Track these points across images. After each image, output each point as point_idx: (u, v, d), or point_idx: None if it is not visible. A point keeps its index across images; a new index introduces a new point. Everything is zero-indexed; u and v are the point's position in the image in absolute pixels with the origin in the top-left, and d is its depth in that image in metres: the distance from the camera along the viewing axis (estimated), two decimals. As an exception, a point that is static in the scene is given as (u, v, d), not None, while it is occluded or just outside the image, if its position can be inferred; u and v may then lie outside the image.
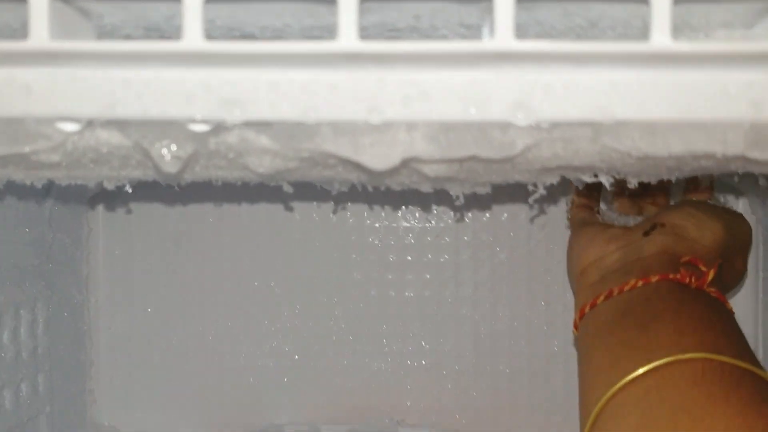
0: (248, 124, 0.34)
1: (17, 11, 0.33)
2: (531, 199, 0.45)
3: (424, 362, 0.76)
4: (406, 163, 0.37)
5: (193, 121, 0.34)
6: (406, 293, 0.76)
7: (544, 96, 0.33)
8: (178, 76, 0.33)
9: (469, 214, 0.75)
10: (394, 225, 0.76)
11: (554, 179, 0.43)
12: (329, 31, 0.36)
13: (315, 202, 0.76)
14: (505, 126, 0.34)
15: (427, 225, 0.75)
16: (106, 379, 0.76)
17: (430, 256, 0.75)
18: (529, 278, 0.75)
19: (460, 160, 0.36)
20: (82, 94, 0.33)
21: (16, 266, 0.63)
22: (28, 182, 0.42)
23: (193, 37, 0.30)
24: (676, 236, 0.54)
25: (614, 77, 0.33)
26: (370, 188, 0.53)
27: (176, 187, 0.72)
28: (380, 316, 0.76)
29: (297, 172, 0.40)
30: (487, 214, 0.75)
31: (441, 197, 0.74)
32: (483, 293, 0.75)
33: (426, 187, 0.44)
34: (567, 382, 0.75)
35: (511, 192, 0.73)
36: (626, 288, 0.50)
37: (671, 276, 0.49)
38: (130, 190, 0.68)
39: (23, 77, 0.33)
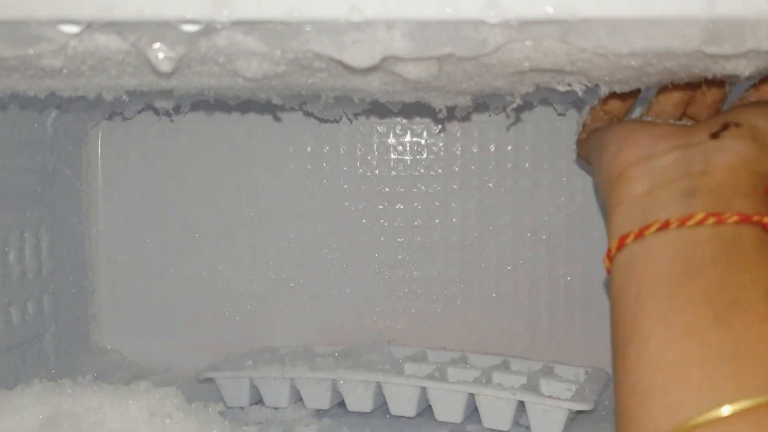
0: (236, 24, 0.36)
1: None
2: (508, 109, 0.47)
3: (414, 287, 0.79)
4: (386, 64, 0.39)
5: (185, 21, 0.36)
6: (397, 223, 0.78)
7: (513, -6, 0.35)
8: (170, -22, 0.35)
9: (459, 146, 0.77)
10: (386, 157, 0.78)
11: (530, 87, 0.45)
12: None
13: (308, 135, 0.78)
14: (477, 24, 0.36)
15: (417, 157, 0.78)
16: (108, 305, 0.79)
17: (421, 186, 0.78)
18: (516, 207, 0.77)
19: (438, 59, 0.38)
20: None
21: (20, 192, 0.66)
22: (31, 93, 0.45)
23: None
24: (759, 143, 0.40)
25: (579, -25, 0.35)
26: (358, 106, 0.55)
27: (171, 120, 0.75)
28: (372, 244, 0.79)
29: (286, 79, 0.42)
30: (475, 147, 0.77)
31: (431, 127, 0.77)
32: (471, 221, 0.78)
33: (409, 97, 0.47)
34: (550, 306, 0.78)
35: (499, 125, 0.76)
36: (690, 222, 0.37)
37: (756, 218, 0.37)
38: (128, 116, 0.70)
39: (25, -20, 0.35)
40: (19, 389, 0.54)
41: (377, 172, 0.78)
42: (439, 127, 0.76)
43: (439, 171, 0.78)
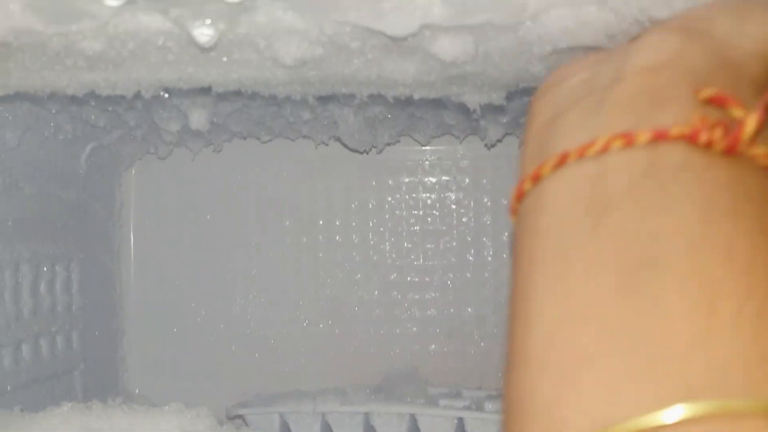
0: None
1: None
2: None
3: (446, 328, 0.77)
4: (423, 42, 0.39)
5: (227, -5, 0.36)
6: (428, 261, 0.77)
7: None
8: (212, -50, 0.36)
9: (489, 181, 0.77)
10: (414, 195, 0.78)
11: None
12: None
13: (338, 187, 0.78)
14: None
15: (448, 194, 0.77)
16: (138, 349, 0.78)
17: (452, 221, 0.77)
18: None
19: (475, 32, 0.38)
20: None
21: (52, 222, 0.66)
22: (70, 91, 0.45)
23: None
24: (691, 32, 0.30)
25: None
26: (389, 131, 0.55)
27: (192, 156, 0.75)
28: (402, 283, 0.77)
29: (322, 67, 0.43)
30: (506, 181, 0.77)
31: (460, 163, 0.77)
32: (503, 259, 0.77)
33: (444, 92, 0.47)
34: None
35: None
36: (590, 150, 0.27)
37: (675, 132, 0.26)
38: (162, 156, 0.71)
39: (72, -45, 0.36)
40: (47, 410, 0.52)
41: (404, 209, 0.78)
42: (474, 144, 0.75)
43: (468, 204, 0.77)
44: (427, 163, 0.78)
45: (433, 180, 0.78)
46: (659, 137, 0.26)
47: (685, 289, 0.23)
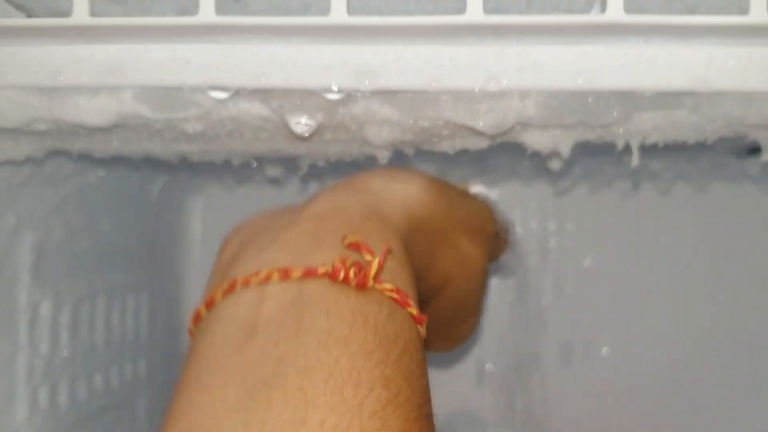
0: (375, 94, 0.38)
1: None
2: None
3: (505, 367, 0.78)
4: (514, 133, 0.40)
5: (329, 90, 0.38)
6: (489, 299, 0.78)
7: (648, 67, 0.36)
8: (317, 50, 0.37)
9: (551, 224, 0.78)
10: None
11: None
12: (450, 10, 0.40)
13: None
14: (608, 95, 0.37)
15: (511, 233, 0.78)
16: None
17: (514, 261, 0.78)
18: (613, 286, 0.77)
19: (567, 126, 0.39)
20: (234, 67, 0.37)
21: (125, 253, 0.68)
22: (164, 156, 0.47)
23: (339, 11, 0.34)
24: (353, 189, 0.38)
25: (713, 50, 0.36)
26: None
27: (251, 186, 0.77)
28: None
29: (410, 143, 0.44)
30: (570, 225, 0.77)
31: (525, 203, 0.77)
32: (565, 300, 0.77)
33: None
34: (652, 387, 0.76)
35: (599, 201, 0.76)
36: (254, 280, 0.32)
37: (321, 270, 0.32)
38: (230, 186, 0.72)
39: (183, 51, 0.38)
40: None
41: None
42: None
43: (531, 246, 0.78)
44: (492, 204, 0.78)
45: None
46: (309, 274, 0.32)
47: (285, 405, 0.27)
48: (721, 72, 0.36)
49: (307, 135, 0.39)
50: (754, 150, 0.58)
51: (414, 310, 0.33)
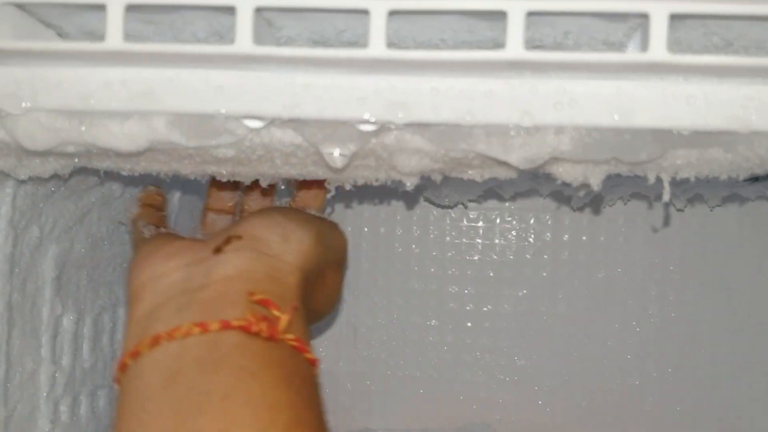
0: (408, 126, 0.38)
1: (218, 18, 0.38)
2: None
3: (515, 377, 0.78)
4: (545, 165, 0.40)
5: (362, 121, 0.37)
6: (502, 308, 0.78)
7: (686, 105, 0.36)
8: (352, 81, 0.37)
9: (566, 236, 0.77)
10: (495, 241, 0.79)
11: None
12: (480, 45, 0.39)
13: (415, 217, 0.79)
14: (644, 132, 0.37)
15: (525, 243, 0.78)
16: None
17: (527, 272, 0.78)
18: (625, 300, 0.77)
19: (600, 162, 0.39)
20: (268, 96, 0.37)
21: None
22: (192, 176, 0.47)
23: (378, 44, 0.34)
24: (256, 252, 0.42)
25: (752, 89, 0.35)
26: (475, 192, 0.56)
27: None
28: (475, 329, 0.79)
29: (436, 172, 0.44)
30: (584, 236, 0.77)
31: (540, 215, 0.77)
32: (577, 311, 0.77)
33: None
34: (658, 404, 0.76)
35: (608, 216, 0.76)
36: (177, 333, 0.37)
37: (235, 324, 0.37)
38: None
39: (217, 78, 0.37)
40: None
41: (481, 257, 0.79)
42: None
43: (545, 257, 0.78)
44: (506, 213, 0.78)
45: (513, 233, 0.79)
46: (225, 326, 0.38)
47: (212, 426, 0.33)
48: (759, 111, 0.36)
49: (340, 166, 0.39)
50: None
51: (311, 356, 0.40)
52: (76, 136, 0.39)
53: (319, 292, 0.48)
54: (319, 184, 0.52)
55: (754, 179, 0.59)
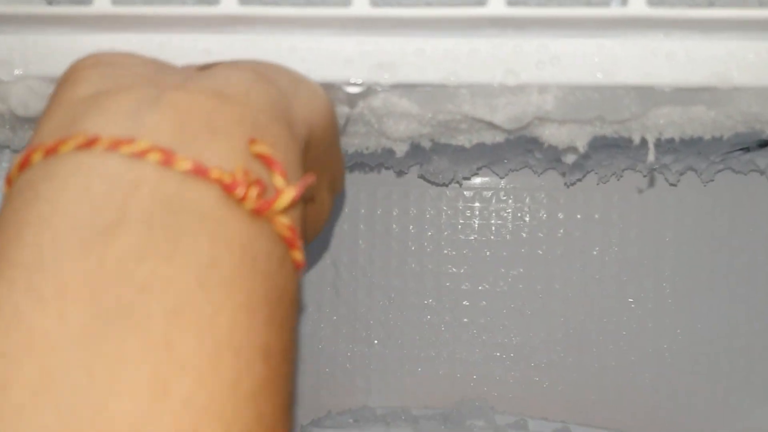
0: (395, 87, 0.38)
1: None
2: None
3: (512, 354, 0.78)
4: (531, 128, 0.41)
5: (349, 83, 0.38)
6: (498, 287, 0.79)
7: (667, 62, 0.36)
8: (338, 42, 0.37)
9: (560, 214, 0.78)
10: (491, 221, 0.79)
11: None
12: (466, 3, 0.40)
13: (413, 197, 0.80)
14: (628, 89, 0.38)
15: (520, 222, 0.79)
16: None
17: (523, 251, 0.78)
18: (619, 276, 0.77)
19: (584, 121, 0.40)
20: (255, 58, 0.38)
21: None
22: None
23: (362, 2, 0.35)
24: (262, 77, 0.29)
25: (733, 44, 0.36)
26: (472, 166, 0.56)
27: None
28: (471, 308, 0.79)
29: (426, 137, 0.44)
30: (579, 214, 0.78)
31: (535, 193, 0.78)
32: (573, 289, 0.78)
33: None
34: (655, 379, 0.76)
35: (604, 192, 0.76)
36: (124, 148, 0.24)
37: (214, 174, 0.24)
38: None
39: (205, 43, 0.38)
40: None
41: (477, 236, 0.79)
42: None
43: (540, 236, 0.78)
44: (502, 193, 0.79)
45: (509, 210, 0.79)
46: (199, 172, 0.24)
47: (142, 359, 0.20)
48: (740, 67, 0.36)
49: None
50: (763, 144, 0.58)
51: (300, 256, 0.27)
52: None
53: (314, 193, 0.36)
54: None
55: (745, 149, 0.60)
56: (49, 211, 0.23)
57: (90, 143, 0.24)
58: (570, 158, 0.49)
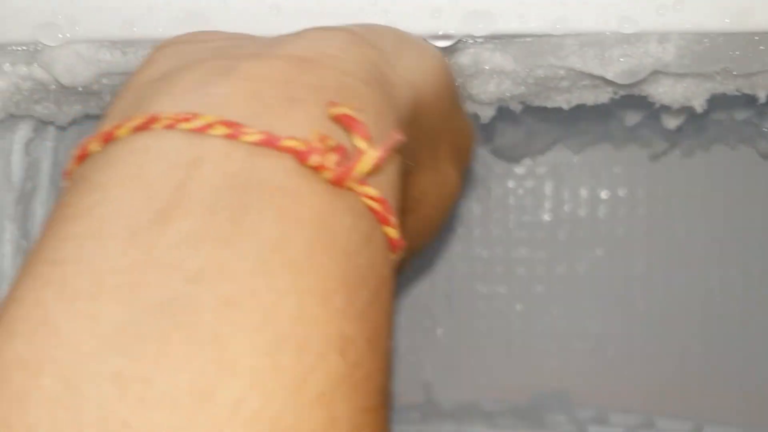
0: (489, 40, 0.34)
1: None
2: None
3: (591, 344, 0.73)
4: (644, 85, 0.35)
5: (437, 36, 0.33)
6: (574, 272, 0.74)
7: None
8: (423, -11, 0.33)
9: (641, 191, 0.72)
10: (564, 198, 0.74)
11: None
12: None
13: (477, 178, 0.75)
14: (761, 37, 0.32)
15: (597, 201, 0.73)
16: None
17: (601, 231, 0.73)
18: (706, 259, 0.71)
19: (705, 76, 0.34)
20: (329, 13, 0.33)
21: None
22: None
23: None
24: (355, 37, 0.26)
25: None
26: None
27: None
28: (546, 295, 0.74)
29: (516, 100, 0.39)
30: (661, 189, 0.72)
31: (613, 168, 0.72)
32: (657, 272, 0.72)
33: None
34: (744, 367, 0.71)
35: (688, 168, 0.71)
36: (185, 124, 0.21)
37: (286, 143, 0.21)
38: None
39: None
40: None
41: (549, 217, 0.74)
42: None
43: (620, 215, 0.73)
44: (576, 169, 0.73)
45: (584, 189, 0.74)
46: (269, 143, 0.21)
47: (187, 359, 0.17)
48: None
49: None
50: None
51: (395, 233, 0.23)
52: (118, 68, 0.36)
53: (427, 175, 0.32)
54: None
55: None
56: (97, 202, 0.20)
57: (148, 123, 0.21)
58: (673, 122, 0.44)
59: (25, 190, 0.43)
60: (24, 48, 0.36)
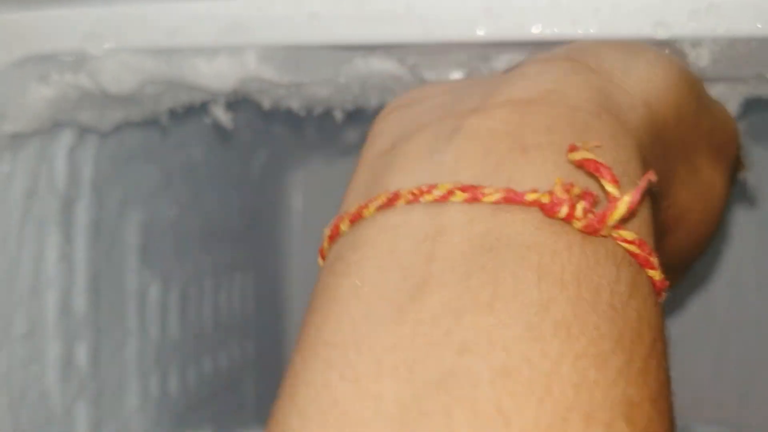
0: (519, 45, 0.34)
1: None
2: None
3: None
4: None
5: (474, 41, 0.34)
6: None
7: None
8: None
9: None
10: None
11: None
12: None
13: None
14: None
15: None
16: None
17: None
18: (756, 273, 0.71)
19: (739, 81, 0.35)
20: (368, 20, 0.34)
21: (230, 231, 0.66)
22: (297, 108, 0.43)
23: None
24: (573, 65, 0.25)
25: None
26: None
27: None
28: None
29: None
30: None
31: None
32: (743, 271, 0.71)
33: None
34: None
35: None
36: (426, 197, 0.21)
37: (530, 198, 0.20)
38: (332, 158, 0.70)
39: (311, 4, 0.34)
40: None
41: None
42: None
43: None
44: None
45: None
46: (510, 200, 0.20)
47: (482, 430, 0.16)
48: None
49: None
50: None
51: (658, 274, 0.21)
52: (163, 76, 0.37)
53: (687, 188, 0.29)
54: None
55: None
56: (358, 283, 0.21)
57: (391, 201, 0.22)
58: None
59: (69, 197, 0.44)
60: (70, 58, 0.37)
